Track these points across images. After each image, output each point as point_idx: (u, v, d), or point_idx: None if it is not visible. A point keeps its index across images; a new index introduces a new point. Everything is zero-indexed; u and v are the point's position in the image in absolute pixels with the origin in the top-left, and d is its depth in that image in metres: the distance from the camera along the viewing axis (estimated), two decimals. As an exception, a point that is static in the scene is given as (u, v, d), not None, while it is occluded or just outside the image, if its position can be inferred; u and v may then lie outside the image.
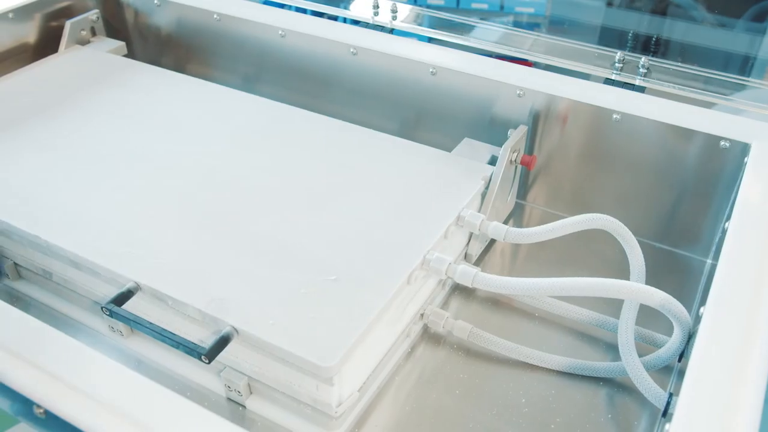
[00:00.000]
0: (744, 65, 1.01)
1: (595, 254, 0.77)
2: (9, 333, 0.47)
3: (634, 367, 0.58)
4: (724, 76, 0.80)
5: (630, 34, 1.07)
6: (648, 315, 0.64)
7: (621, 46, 0.89)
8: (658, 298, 0.55)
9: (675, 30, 1.08)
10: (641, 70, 0.81)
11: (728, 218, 0.63)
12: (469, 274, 0.60)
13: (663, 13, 1.11)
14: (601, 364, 0.62)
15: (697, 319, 0.54)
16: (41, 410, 0.42)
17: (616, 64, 0.83)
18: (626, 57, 0.83)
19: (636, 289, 0.55)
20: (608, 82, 0.82)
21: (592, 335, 0.67)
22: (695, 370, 0.44)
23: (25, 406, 0.42)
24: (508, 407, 0.59)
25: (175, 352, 0.61)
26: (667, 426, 0.42)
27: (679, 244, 0.77)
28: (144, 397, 0.43)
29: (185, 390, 0.60)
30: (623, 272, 0.66)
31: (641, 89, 0.80)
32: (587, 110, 0.74)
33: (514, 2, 1.65)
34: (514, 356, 0.63)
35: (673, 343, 0.58)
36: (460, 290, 0.72)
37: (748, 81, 0.80)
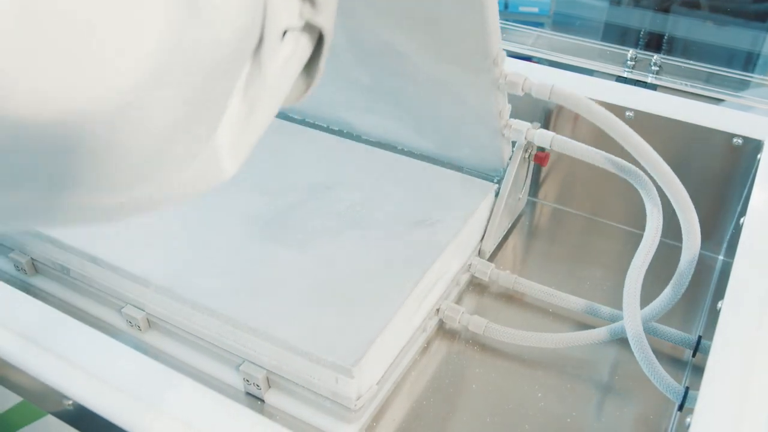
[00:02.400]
0: (756, 63, 1.02)
1: (604, 252, 0.77)
2: (38, 327, 0.48)
3: (649, 362, 0.58)
4: (735, 74, 0.81)
5: (642, 32, 1.07)
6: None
7: (625, 44, 0.89)
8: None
9: (680, 28, 1.09)
10: (653, 68, 0.82)
11: (742, 214, 0.63)
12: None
13: (666, 11, 1.11)
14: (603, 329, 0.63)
15: (715, 313, 0.54)
16: (70, 402, 0.43)
17: (629, 62, 0.84)
18: (638, 55, 0.83)
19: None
20: (620, 80, 0.83)
21: (606, 331, 0.67)
22: (715, 363, 0.45)
23: (53, 398, 0.42)
24: (524, 401, 0.60)
25: (192, 347, 0.61)
26: (688, 419, 0.43)
27: (690, 241, 0.77)
28: (171, 389, 0.43)
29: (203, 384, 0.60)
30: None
31: (653, 87, 0.80)
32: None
33: (519, 1, 1.66)
34: (531, 344, 0.63)
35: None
36: (474, 286, 0.72)
37: (757, 78, 0.81)
